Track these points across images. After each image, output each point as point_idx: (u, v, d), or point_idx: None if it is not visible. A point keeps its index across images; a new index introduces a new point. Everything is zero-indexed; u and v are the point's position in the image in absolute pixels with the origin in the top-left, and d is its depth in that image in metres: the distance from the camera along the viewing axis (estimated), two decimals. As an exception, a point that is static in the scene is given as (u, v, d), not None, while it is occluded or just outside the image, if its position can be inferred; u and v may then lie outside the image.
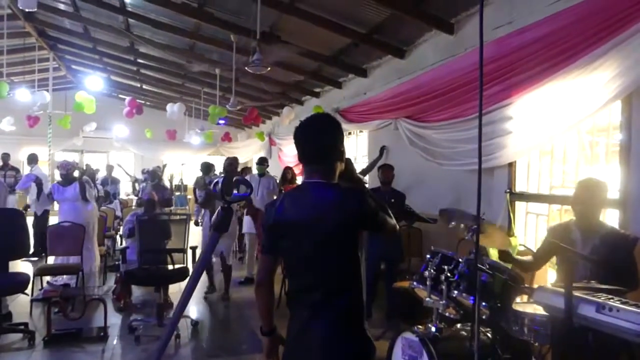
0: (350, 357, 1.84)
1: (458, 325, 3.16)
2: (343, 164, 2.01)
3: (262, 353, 1.89)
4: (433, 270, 3.04)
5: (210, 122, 10.18)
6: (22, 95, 9.29)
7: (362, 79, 8.48)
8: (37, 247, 7.77)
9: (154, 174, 8.82)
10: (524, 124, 4.51)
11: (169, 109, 10.04)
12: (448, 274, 2.95)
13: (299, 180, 9.79)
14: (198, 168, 8.75)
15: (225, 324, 5.41)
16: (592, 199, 3.00)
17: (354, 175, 2.11)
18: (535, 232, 4.75)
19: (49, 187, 6.57)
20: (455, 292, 2.90)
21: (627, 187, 3.68)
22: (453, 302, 2.97)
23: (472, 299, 2.85)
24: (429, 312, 3.19)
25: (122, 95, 15.37)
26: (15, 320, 5.00)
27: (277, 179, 8.19)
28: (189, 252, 5.23)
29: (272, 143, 13.82)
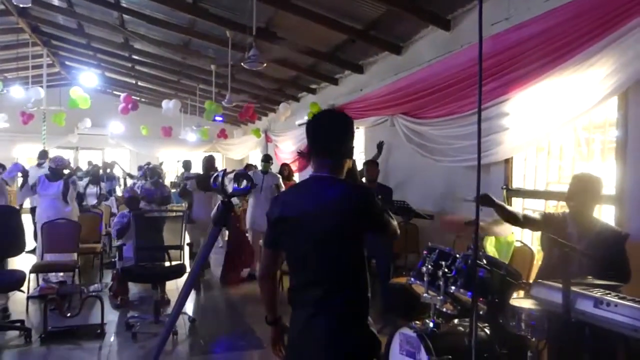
0: (354, 352, 1.84)
1: (455, 321, 3.17)
2: (351, 162, 2.02)
3: (259, 349, 1.91)
4: (430, 266, 3.05)
5: (206, 118, 10.15)
6: (15, 92, 9.22)
7: (358, 75, 8.47)
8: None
9: (154, 171, 8.76)
10: (521, 120, 4.52)
11: (165, 106, 9.99)
12: (445, 270, 2.95)
13: (297, 177, 9.78)
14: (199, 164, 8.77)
15: (223, 321, 5.41)
16: (586, 194, 3.00)
17: (356, 179, 2.12)
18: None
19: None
20: (453, 287, 2.91)
21: (623, 183, 3.70)
22: (450, 297, 2.98)
23: (469, 294, 2.86)
24: (427, 308, 3.20)
25: (116, 92, 15.30)
26: (12, 318, 4.99)
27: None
28: (186, 248, 5.22)
29: (268, 140, 13.80)
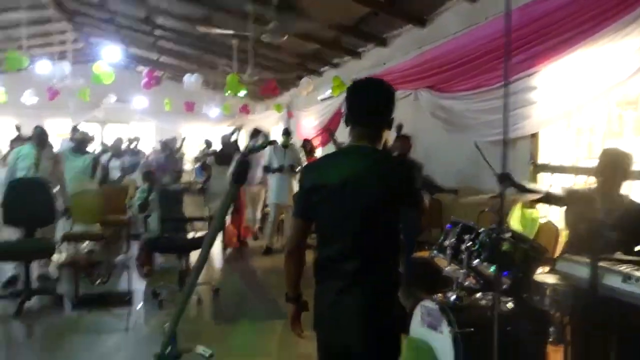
0: (388, 326, 1.84)
1: (477, 295, 3.17)
2: (388, 133, 1.99)
3: (281, 320, 1.90)
4: (453, 240, 3.04)
5: (230, 91, 10.14)
6: (42, 68, 9.33)
7: (381, 49, 8.33)
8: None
9: (166, 145, 8.90)
10: (549, 94, 4.42)
11: (186, 80, 9.99)
12: (469, 243, 2.94)
13: (318, 153, 9.76)
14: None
15: (246, 292, 5.53)
16: (615, 170, 2.94)
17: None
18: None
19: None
20: (476, 261, 2.90)
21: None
22: (473, 271, 2.97)
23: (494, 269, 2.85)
24: (448, 281, 3.20)
25: (139, 67, 15.40)
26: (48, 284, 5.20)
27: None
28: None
29: (289, 115, 13.76)
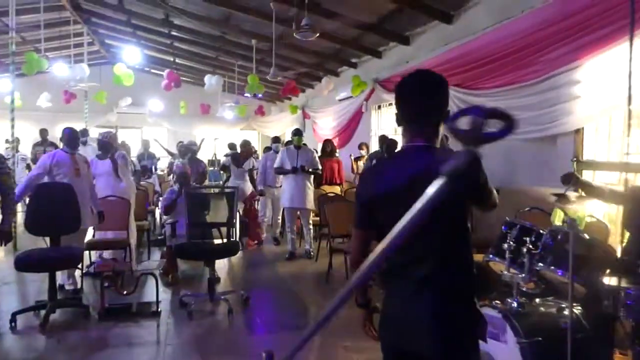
0: (461, 331, 1.71)
1: (537, 300, 2.96)
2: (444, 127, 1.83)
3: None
4: (512, 243, 2.83)
5: (249, 91, 10.00)
6: (60, 70, 9.22)
7: (404, 47, 8.15)
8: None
9: (187, 148, 8.74)
10: (594, 88, 4.21)
11: (207, 81, 9.86)
12: (530, 246, 2.74)
13: (339, 154, 9.59)
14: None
15: (277, 300, 5.33)
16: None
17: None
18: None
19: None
20: (541, 265, 2.70)
21: None
22: (536, 275, 2.77)
23: (560, 272, 2.65)
24: (503, 286, 3.01)
25: (154, 70, 15.33)
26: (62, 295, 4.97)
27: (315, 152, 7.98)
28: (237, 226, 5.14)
29: (305, 116, 13.61)
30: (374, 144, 9.68)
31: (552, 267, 2.67)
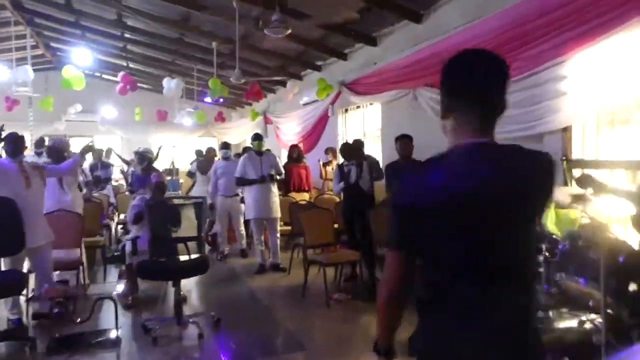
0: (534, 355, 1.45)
1: (550, 313, 2.68)
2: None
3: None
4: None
5: (212, 96, 9.49)
6: (0, 73, 8.44)
7: (370, 49, 7.90)
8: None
9: (144, 156, 8.12)
10: (581, 84, 4.03)
11: (166, 85, 9.23)
12: (547, 254, 2.46)
13: (307, 160, 9.20)
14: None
15: (250, 319, 4.85)
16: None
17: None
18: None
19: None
20: (562, 274, 2.42)
21: None
22: (555, 286, 2.49)
23: (583, 281, 2.38)
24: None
25: (106, 76, 14.55)
26: (4, 326, 4.31)
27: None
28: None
29: (267, 121, 13.19)
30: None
31: (575, 277, 2.39)
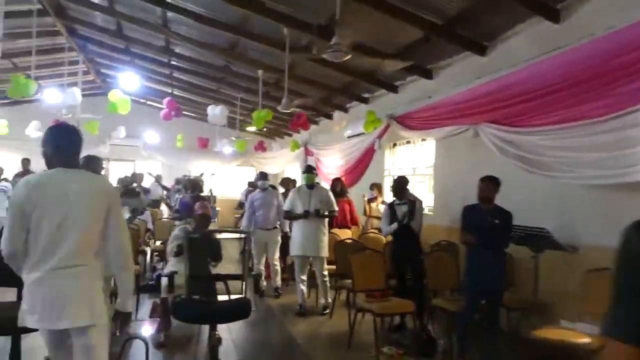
0: None
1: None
2: None
3: None
4: None
5: (256, 126, 9.32)
6: (51, 96, 8.46)
7: (424, 81, 7.53)
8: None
9: (194, 184, 7.83)
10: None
11: (210, 112, 9.07)
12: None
13: (351, 193, 8.78)
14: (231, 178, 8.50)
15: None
16: None
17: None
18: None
19: None
20: None
21: None
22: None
23: None
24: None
25: (150, 102, 14.69)
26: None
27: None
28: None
29: (307, 153, 12.91)
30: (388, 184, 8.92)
31: None
